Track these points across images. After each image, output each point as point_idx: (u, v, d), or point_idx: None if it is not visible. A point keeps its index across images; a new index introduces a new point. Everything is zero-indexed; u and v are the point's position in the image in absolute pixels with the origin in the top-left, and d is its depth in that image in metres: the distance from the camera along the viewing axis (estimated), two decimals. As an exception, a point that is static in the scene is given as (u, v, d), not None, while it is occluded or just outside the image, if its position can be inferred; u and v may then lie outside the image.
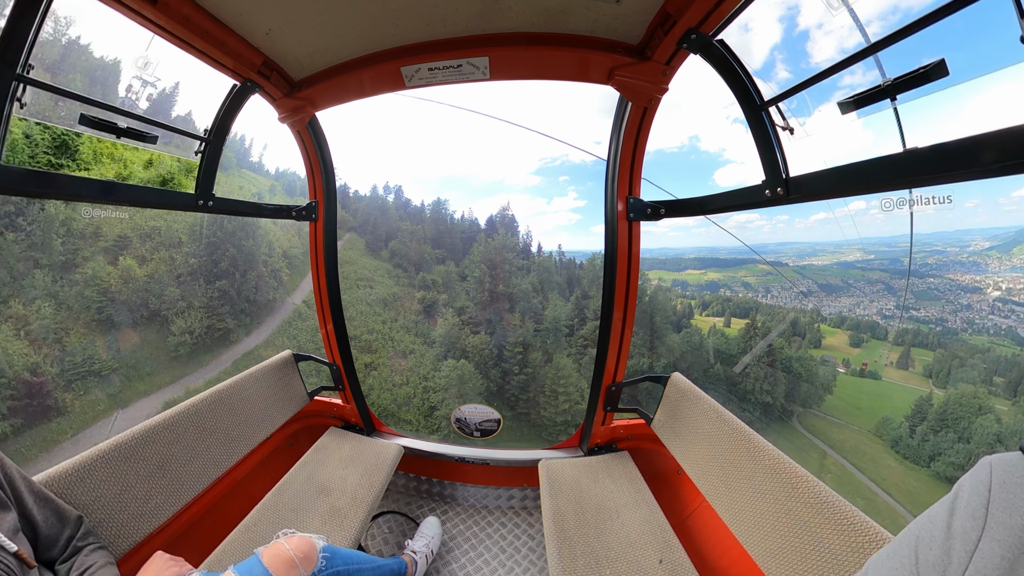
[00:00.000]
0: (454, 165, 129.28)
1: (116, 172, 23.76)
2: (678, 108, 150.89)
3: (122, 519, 1.48)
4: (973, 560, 0.52)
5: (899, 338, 42.19)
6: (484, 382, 31.05)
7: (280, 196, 40.93)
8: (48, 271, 17.74)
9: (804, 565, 1.31)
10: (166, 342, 18.18)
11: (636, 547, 1.82)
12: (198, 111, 43.33)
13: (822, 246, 62.82)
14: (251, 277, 24.61)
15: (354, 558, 1.65)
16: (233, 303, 23.12)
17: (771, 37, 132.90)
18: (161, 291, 20.34)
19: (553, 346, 33.67)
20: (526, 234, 44.07)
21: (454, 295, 35.06)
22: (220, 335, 20.20)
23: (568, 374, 31.45)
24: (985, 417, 28.84)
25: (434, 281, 35.14)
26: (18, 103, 1.23)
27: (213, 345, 19.20)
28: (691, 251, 65.93)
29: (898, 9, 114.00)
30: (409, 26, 1.52)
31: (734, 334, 41.45)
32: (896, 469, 29.27)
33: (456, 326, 32.86)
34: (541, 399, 30.88)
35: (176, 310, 20.33)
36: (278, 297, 27.22)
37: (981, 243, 51.13)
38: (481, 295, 35.18)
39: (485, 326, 33.77)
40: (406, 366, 28.52)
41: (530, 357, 32.14)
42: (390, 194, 45.38)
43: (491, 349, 32.40)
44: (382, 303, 29.62)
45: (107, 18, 19.70)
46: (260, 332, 21.51)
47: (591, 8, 1.40)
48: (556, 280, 39.64)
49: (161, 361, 17.14)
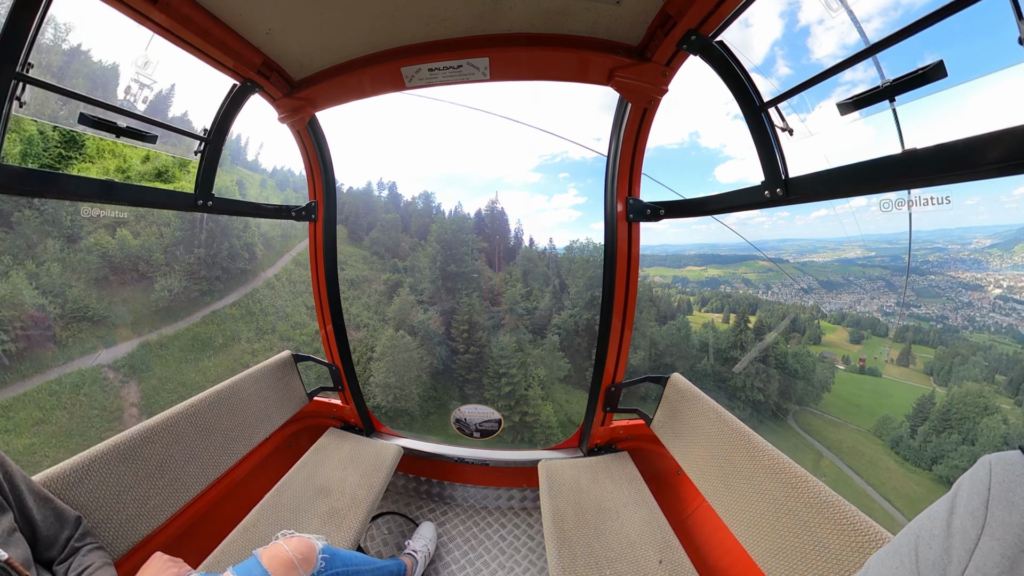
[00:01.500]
0: (454, 163, 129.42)
1: (116, 165, 26.03)
2: (678, 105, 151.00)
3: (121, 520, 1.48)
4: (973, 558, 0.52)
5: (900, 335, 41.96)
6: (429, 358, 31.21)
7: (270, 191, 42.11)
8: (58, 240, 21.62)
9: (804, 565, 1.31)
10: (149, 298, 22.20)
11: (636, 547, 1.82)
12: (194, 111, 44.11)
13: (823, 243, 62.88)
14: (224, 248, 27.44)
15: (353, 559, 1.65)
16: (209, 270, 26.56)
17: (771, 33, 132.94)
18: (149, 256, 24.29)
19: (511, 329, 33.91)
20: (517, 228, 44.51)
21: (419, 278, 35.67)
22: (196, 295, 23.99)
23: (510, 354, 31.08)
24: (992, 417, 27.74)
25: (406, 267, 36.03)
26: (17, 102, 1.22)
27: (188, 303, 22.99)
28: (692, 248, 66.05)
29: (899, 5, 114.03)
30: (409, 27, 1.52)
31: (725, 328, 41.17)
32: (896, 472, 28.35)
33: (409, 303, 33.76)
34: (485, 380, 31.07)
35: (160, 272, 24.32)
36: (250, 269, 29.70)
37: (982, 240, 51.16)
38: (433, 273, 35.69)
39: (437, 304, 34.30)
40: (357, 337, 30.41)
41: (476, 336, 32.45)
42: (384, 190, 45.85)
43: (439, 326, 32.80)
44: (348, 283, 31.43)
45: (106, 21, 22.20)
46: (229, 297, 25.03)
47: (591, 9, 1.40)
48: (541, 271, 40.21)
49: (143, 313, 21.16)
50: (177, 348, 20.83)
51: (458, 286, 35.30)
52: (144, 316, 21.18)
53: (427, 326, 32.43)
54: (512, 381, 30.46)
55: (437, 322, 32.98)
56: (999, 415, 27.96)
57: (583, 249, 39.78)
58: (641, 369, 32.41)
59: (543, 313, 36.02)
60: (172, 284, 22.80)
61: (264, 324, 25.07)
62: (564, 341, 34.57)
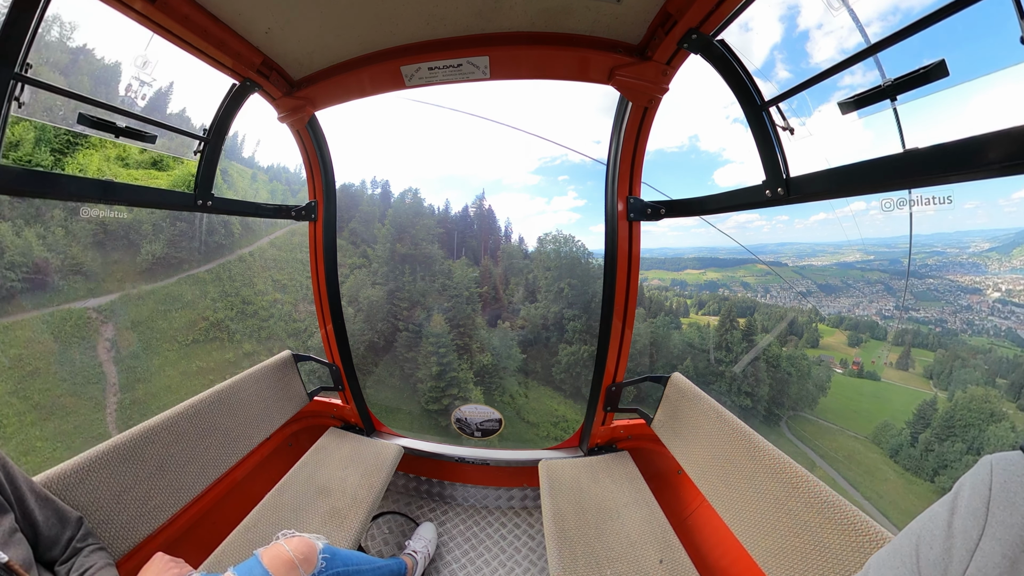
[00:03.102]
0: (453, 165, 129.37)
1: (117, 153, 29.15)
2: (678, 108, 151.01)
3: (122, 520, 1.48)
4: (974, 559, 0.52)
5: (899, 338, 41.65)
6: (370, 334, 32.75)
7: (259, 184, 44.52)
8: (63, 210, 24.57)
9: (804, 565, 1.31)
10: (135, 260, 26.75)
11: (636, 547, 1.82)
12: (194, 109, 44.97)
13: (822, 247, 62.81)
14: (204, 223, 31.06)
15: (354, 559, 1.65)
16: (189, 241, 30.43)
17: (772, 36, 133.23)
18: (139, 227, 28.27)
19: (453, 310, 34.44)
20: (506, 226, 45.11)
21: (379, 262, 37.34)
22: (175, 262, 28.52)
23: (440, 332, 31.85)
24: (999, 425, 25.63)
25: (375, 254, 37.88)
26: (16, 102, 1.22)
27: (167, 268, 27.86)
28: (691, 251, 65.92)
29: (898, 10, 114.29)
30: (409, 25, 1.51)
31: (711, 326, 40.23)
32: (895, 484, 26.77)
33: (362, 282, 35.24)
34: (419, 359, 32.02)
35: (147, 240, 28.29)
36: (226, 244, 33.32)
37: (981, 244, 51.10)
38: (384, 253, 36.82)
39: (388, 284, 35.32)
40: (307, 309, 34.00)
41: (415, 314, 33.74)
42: (377, 188, 46.76)
43: (384, 303, 33.97)
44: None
45: (106, 21, 24.28)
46: (205, 266, 29.58)
47: (592, 8, 1.40)
48: (520, 264, 40.85)
49: (128, 272, 25.84)
50: (152, 301, 25.63)
51: (409, 268, 36.35)
52: (128, 275, 25.97)
53: (371, 301, 33.80)
54: (442, 361, 31.14)
55: (382, 299, 34.29)
56: (1007, 422, 26.04)
57: (555, 240, 39.58)
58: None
59: (512, 304, 36.64)
60: (155, 250, 27.41)
61: (229, 288, 29.24)
62: (530, 334, 35.08)
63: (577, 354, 33.31)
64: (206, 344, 26.97)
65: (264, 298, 30.64)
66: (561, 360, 33.62)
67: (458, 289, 35.43)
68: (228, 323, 28.71)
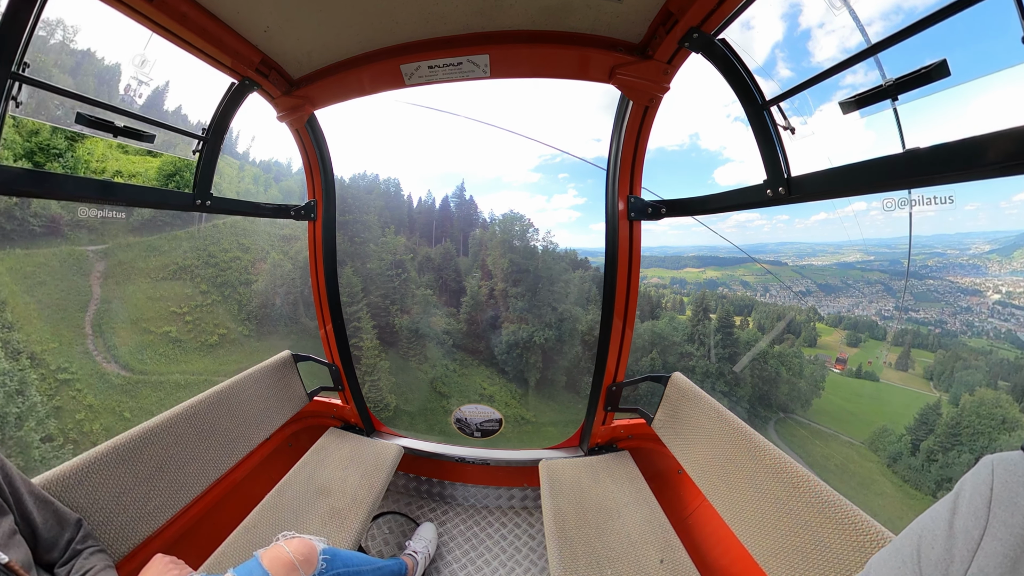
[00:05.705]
0: (453, 162, 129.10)
1: (116, 143, 30.75)
2: (678, 106, 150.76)
3: (121, 521, 1.48)
4: (975, 559, 0.52)
5: (898, 338, 41.29)
6: (302, 285, 34.51)
7: (248, 177, 46.55)
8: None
9: (805, 564, 1.31)
10: (128, 220, 31.47)
11: (637, 547, 1.82)
12: (193, 108, 45.81)
13: (822, 246, 62.79)
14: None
15: (354, 560, 1.65)
16: (168, 213, 33.61)
17: (773, 35, 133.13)
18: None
19: (385, 287, 35.41)
20: (491, 217, 45.60)
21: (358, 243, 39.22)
22: (160, 224, 32.59)
23: (353, 290, 33.63)
24: (1013, 434, 23.01)
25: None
26: (13, 102, 1.22)
27: (152, 228, 32.29)
28: (690, 249, 65.90)
29: (900, 10, 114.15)
30: (409, 24, 1.51)
31: (684, 319, 38.83)
32: (892, 498, 24.10)
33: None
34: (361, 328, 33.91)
35: (136, 211, 32.27)
36: (197, 216, 37.76)
37: (981, 246, 51.09)
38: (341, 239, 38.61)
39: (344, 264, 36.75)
40: (262, 267, 37.61)
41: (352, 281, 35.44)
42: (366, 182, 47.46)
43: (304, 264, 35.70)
44: (283, 238, 37.71)
45: (107, 20, 27.11)
46: (182, 228, 33.65)
47: (593, 6, 1.40)
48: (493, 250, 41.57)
49: (122, 228, 31.11)
50: (137, 249, 30.61)
51: (341, 232, 37.00)
52: (122, 230, 31.12)
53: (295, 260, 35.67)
54: (358, 346, 32.18)
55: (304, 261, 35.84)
56: (1021, 431, 23.24)
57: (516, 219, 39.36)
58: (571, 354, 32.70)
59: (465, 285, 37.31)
60: (145, 213, 31.65)
61: (200, 244, 33.37)
62: (473, 310, 35.51)
63: (517, 334, 33.59)
64: (172, 281, 31.26)
65: (227, 254, 34.51)
66: (504, 340, 33.89)
67: (379, 252, 36.82)
68: (193, 268, 32.40)
